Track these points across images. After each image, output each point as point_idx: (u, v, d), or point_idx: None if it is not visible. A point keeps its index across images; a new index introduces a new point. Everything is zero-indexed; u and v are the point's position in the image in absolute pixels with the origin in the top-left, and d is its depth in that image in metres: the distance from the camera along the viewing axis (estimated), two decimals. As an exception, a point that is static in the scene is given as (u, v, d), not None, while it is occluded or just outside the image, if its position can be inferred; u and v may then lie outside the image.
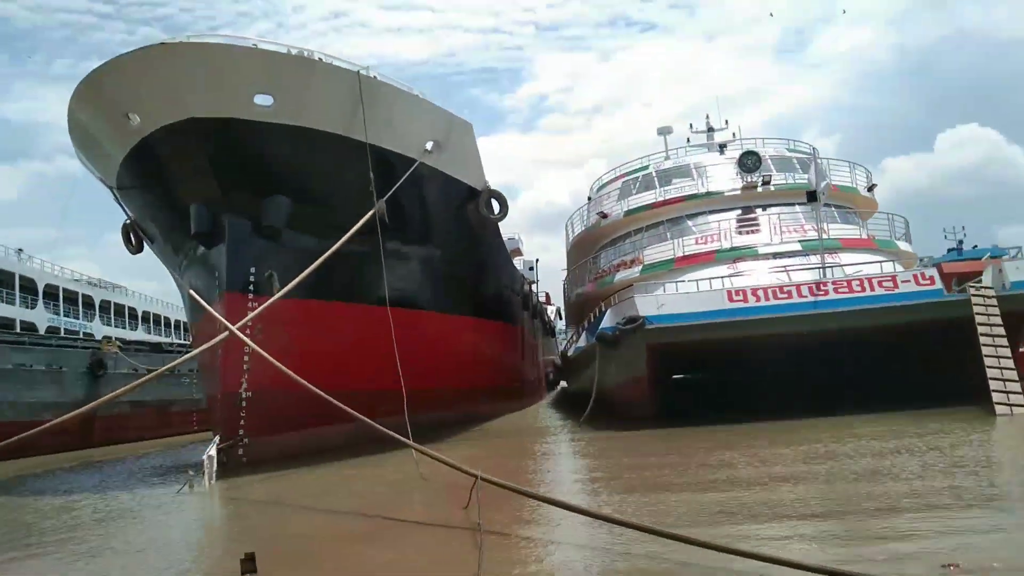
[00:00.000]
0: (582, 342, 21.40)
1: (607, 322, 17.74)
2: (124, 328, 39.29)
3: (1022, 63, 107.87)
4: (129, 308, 41.44)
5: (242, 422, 14.93)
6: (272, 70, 14.63)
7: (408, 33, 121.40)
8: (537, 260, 42.04)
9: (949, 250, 39.34)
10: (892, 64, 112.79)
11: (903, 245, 22.07)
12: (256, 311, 13.80)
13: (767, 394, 17.21)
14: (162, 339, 40.93)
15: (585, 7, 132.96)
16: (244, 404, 14.88)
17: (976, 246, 40.84)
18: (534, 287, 37.48)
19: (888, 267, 18.88)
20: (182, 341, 42.31)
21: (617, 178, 27.02)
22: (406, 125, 16.84)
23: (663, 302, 16.64)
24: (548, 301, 47.35)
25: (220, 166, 15.11)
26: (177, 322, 46.78)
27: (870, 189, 24.44)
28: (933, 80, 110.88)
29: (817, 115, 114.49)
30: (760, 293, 16.50)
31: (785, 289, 16.54)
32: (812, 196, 18.01)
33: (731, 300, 16.47)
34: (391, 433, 10.56)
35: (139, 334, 39.70)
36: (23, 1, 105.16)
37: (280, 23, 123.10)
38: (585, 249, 27.29)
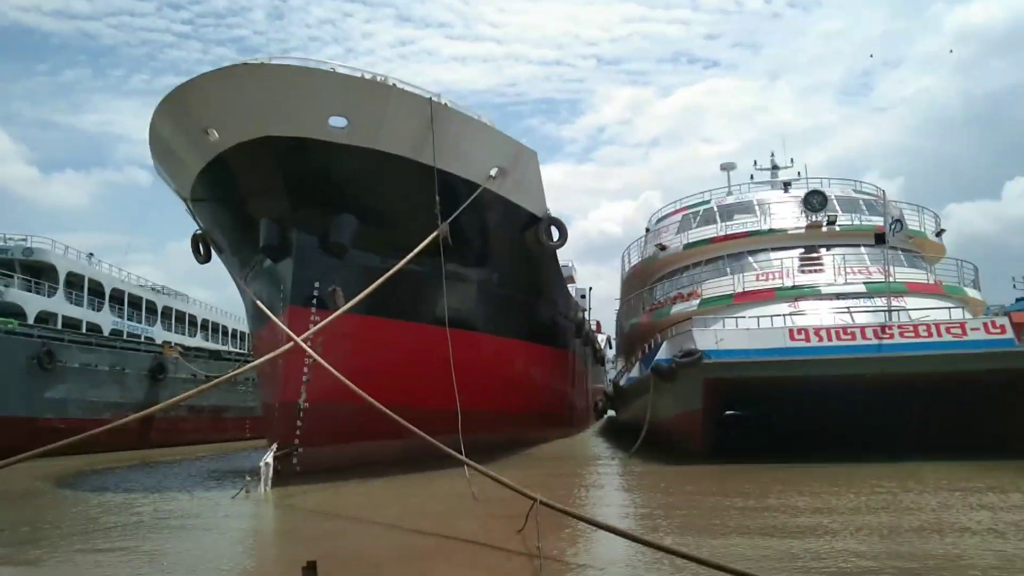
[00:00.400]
0: (636, 372, 21.26)
1: (663, 354, 17.62)
2: (184, 334, 40.38)
3: None
4: (190, 315, 42.63)
5: (298, 431, 15.23)
6: (349, 93, 15.07)
7: (472, 62, 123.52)
8: (590, 288, 41.99)
9: (1018, 299, 37.96)
10: (958, 110, 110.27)
11: (971, 292, 21.42)
12: (319, 324, 14.09)
13: (824, 436, 16.84)
14: (220, 347, 41.97)
15: (647, 43, 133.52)
16: (301, 414, 15.18)
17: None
18: (586, 315, 37.43)
19: (956, 313, 18.39)
20: (239, 349, 43.34)
21: (677, 211, 26.90)
22: (473, 151, 17.13)
23: (722, 337, 16.46)
24: (599, 329, 47.19)
25: (292, 183, 15.59)
26: (235, 331, 47.91)
27: (938, 234, 23.87)
28: (1001, 127, 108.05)
29: (880, 157, 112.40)
30: (823, 333, 16.21)
31: (849, 330, 16.22)
32: (880, 238, 17.68)
33: (792, 339, 16.21)
34: (449, 450, 10.63)
35: (198, 340, 40.75)
36: (109, 20, 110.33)
37: (350, 48, 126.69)
38: (641, 280, 27.16)
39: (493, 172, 17.73)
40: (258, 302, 16.11)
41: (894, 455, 15.00)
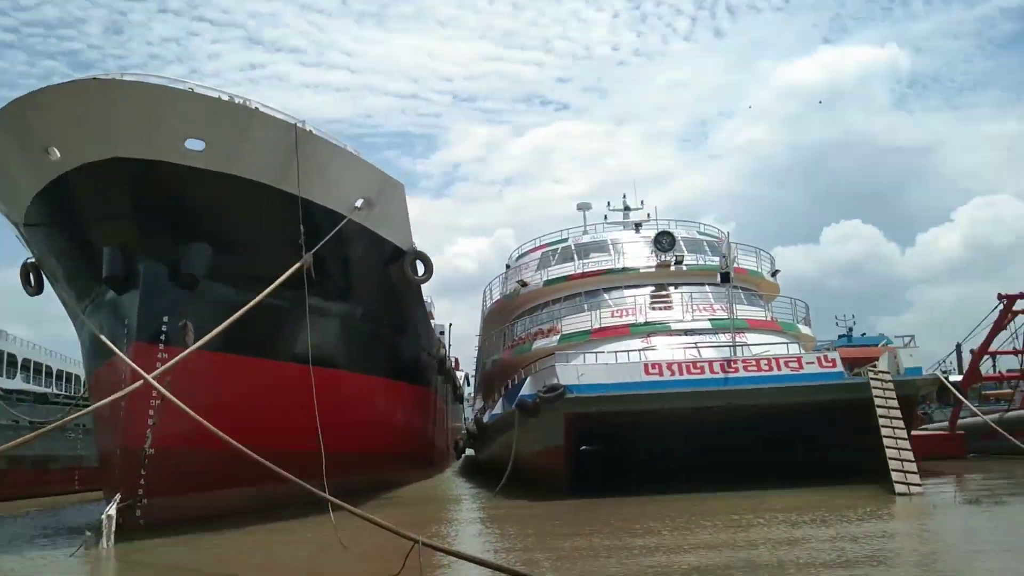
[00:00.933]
0: (499, 409, 21.36)
1: (527, 389, 17.86)
2: (1, 376, 36.41)
3: (897, 168, 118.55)
4: (8, 354, 38.49)
5: (142, 481, 14.05)
6: (208, 115, 14.40)
7: (325, 91, 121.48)
8: (450, 324, 41.98)
9: (840, 336, 41.80)
10: (785, 160, 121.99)
11: (804, 328, 23.35)
12: (171, 362, 13.16)
13: (677, 466, 17.61)
14: (45, 389, 38.11)
15: (503, 82, 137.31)
16: (146, 461, 14.02)
17: (864, 333, 43.81)
18: (447, 351, 37.30)
19: (792, 349, 19.96)
20: (67, 392, 39.53)
21: (537, 248, 27.60)
22: (338, 180, 16.80)
23: (583, 372, 16.93)
24: (457, 367, 47.18)
25: (141, 209, 14.61)
26: (60, 371, 43.71)
27: (774, 274, 25.89)
28: (821, 177, 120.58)
29: (715, 202, 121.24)
30: (675, 367, 17.07)
31: (698, 364, 17.19)
32: (725, 277, 18.93)
33: (647, 373, 16.94)
34: (322, 494, 10.19)
35: (17, 382, 36.83)
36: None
37: (194, 69, 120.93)
38: (502, 316, 27.53)
39: (358, 203, 17.43)
40: (101, 336, 14.84)
41: (742, 484, 15.91)
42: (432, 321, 37.92)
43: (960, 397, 18.03)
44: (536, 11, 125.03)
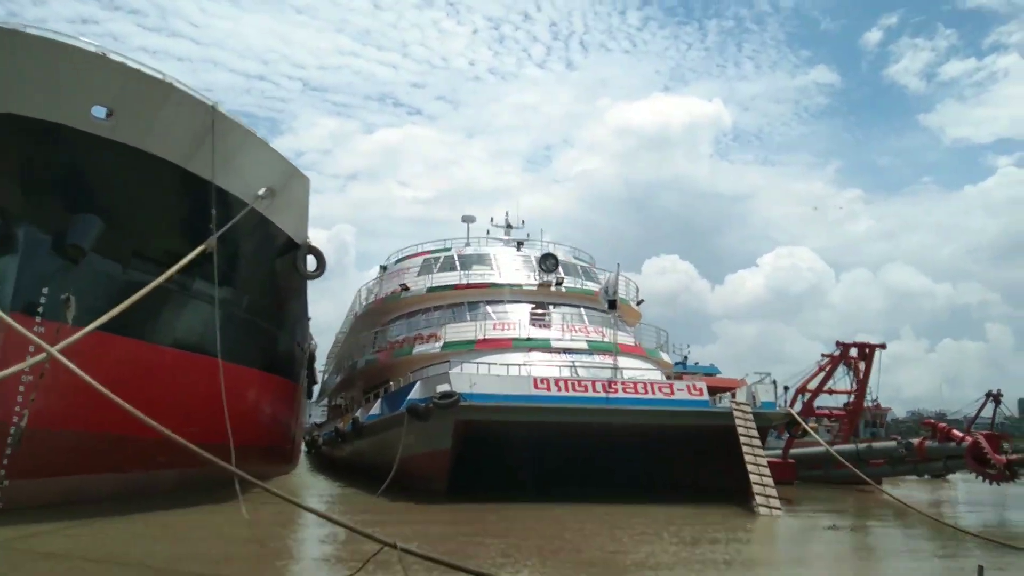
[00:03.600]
0: (376, 410, 21.29)
1: (417, 394, 18.06)
2: None
3: (715, 212, 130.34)
4: None
5: (5, 461, 12.93)
6: (123, 85, 13.61)
7: (165, 58, 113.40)
8: (309, 319, 40.78)
9: (676, 363, 44.88)
10: (620, 192, 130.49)
11: (664, 355, 25.10)
12: (76, 335, 12.22)
13: (553, 478, 18.49)
14: None
15: (357, 78, 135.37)
16: (11, 440, 12.91)
17: (697, 362, 47.37)
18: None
19: (655, 375, 21.50)
20: None
21: (418, 254, 27.72)
22: (246, 167, 16.32)
23: (475, 381, 17.40)
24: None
25: (29, 171, 13.57)
26: None
27: (639, 303, 27.61)
28: (650, 212, 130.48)
29: (555, 225, 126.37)
30: (562, 384, 17.97)
31: (583, 383, 18.19)
32: (612, 305, 20.13)
33: (536, 387, 17.71)
34: (255, 481, 9.99)
35: None
36: None
37: (12, 12, 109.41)
38: (377, 317, 27.39)
39: (262, 191, 16.99)
40: None
41: (612, 498, 17.00)
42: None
43: (809, 430, 20.28)
44: (396, 14, 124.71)
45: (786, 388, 27.98)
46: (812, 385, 27.37)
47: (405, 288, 25.50)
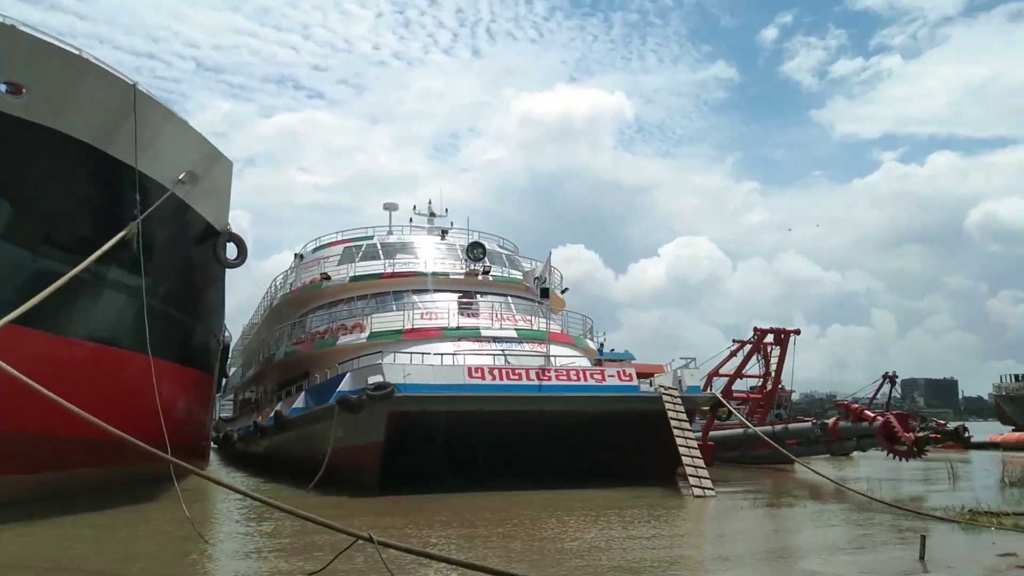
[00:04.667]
0: (300, 403, 20.67)
1: (347, 385, 17.63)
2: None
3: (619, 203, 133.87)
4: None
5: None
6: (35, 59, 12.61)
7: (45, 33, 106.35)
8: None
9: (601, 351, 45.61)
10: (525, 182, 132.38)
11: (589, 342, 25.46)
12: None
13: (489, 466, 18.49)
14: None
15: (255, 59, 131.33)
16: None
17: (613, 349, 48.32)
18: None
19: (582, 361, 21.79)
20: None
21: (338, 242, 27.04)
22: (167, 150, 15.51)
23: (409, 372, 17.13)
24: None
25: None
26: None
27: (564, 291, 27.86)
28: (555, 203, 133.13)
29: (463, 213, 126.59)
30: (496, 372, 17.93)
31: (516, 371, 18.21)
32: (544, 293, 20.21)
33: (470, 376, 17.61)
34: (209, 476, 9.44)
35: None
36: None
37: None
38: (293, 308, 26.60)
39: (182, 175, 16.17)
40: None
41: (549, 484, 17.15)
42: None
43: (735, 412, 21.04)
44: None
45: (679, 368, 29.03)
46: (724, 370, 28.48)
47: (326, 277, 24.84)
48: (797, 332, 26.88)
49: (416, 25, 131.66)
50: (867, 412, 20.12)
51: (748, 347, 28.46)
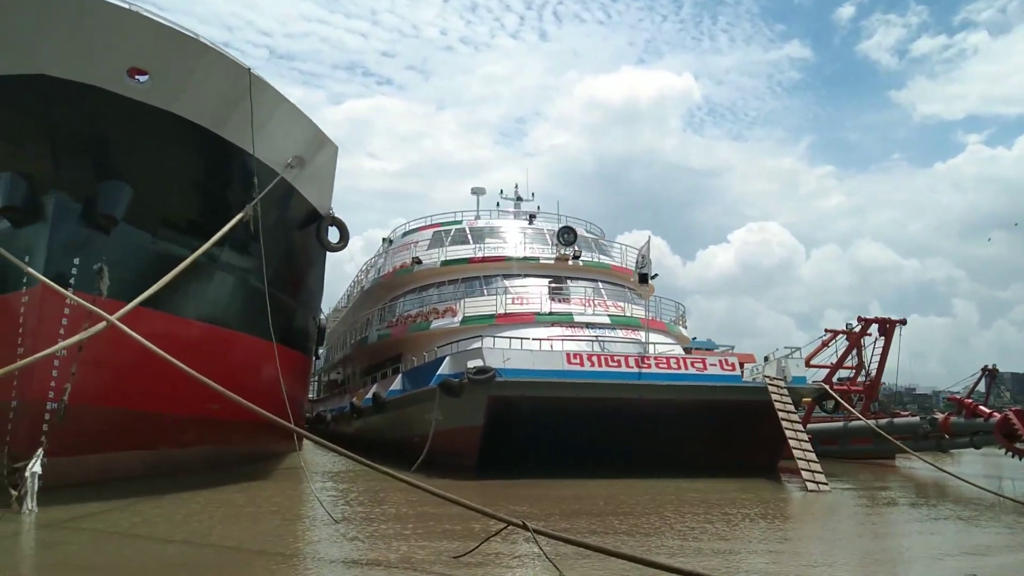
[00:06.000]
0: (398, 385, 20.93)
1: (447, 369, 17.75)
2: None
3: (687, 187, 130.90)
4: None
5: (43, 438, 12.43)
6: (157, 45, 12.97)
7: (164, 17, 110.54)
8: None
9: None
10: (591, 167, 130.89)
11: (681, 329, 24.98)
12: (128, 307, 11.72)
13: (584, 453, 18.36)
14: None
15: (325, 46, 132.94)
16: (57, 417, 12.41)
17: (696, 337, 47.44)
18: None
19: (677, 349, 21.39)
20: None
21: (427, 227, 27.26)
22: (278, 134, 15.78)
23: (508, 356, 17.13)
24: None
25: (62, 136, 12.90)
26: None
27: (653, 277, 27.34)
28: (621, 188, 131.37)
29: (528, 198, 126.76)
30: (595, 359, 17.77)
31: (616, 358, 18.00)
32: (643, 279, 19.89)
33: (569, 362, 17.49)
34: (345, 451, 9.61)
35: None
36: None
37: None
38: (384, 292, 26.94)
39: (291, 159, 16.47)
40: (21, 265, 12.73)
41: (647, 473, 16.92)
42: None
43: (844, 404, 20.34)
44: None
45: (765, 358, 28.15)
46: (815, 361, 27.57)
47: (418, 261, 25.05)
48: (903, 322, 25.77)
49: (483, 9, 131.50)
50: (982, 408, 19.16)
51: (843, 337, 27.49)
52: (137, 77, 13.04)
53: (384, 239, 30.15)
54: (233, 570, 7.35)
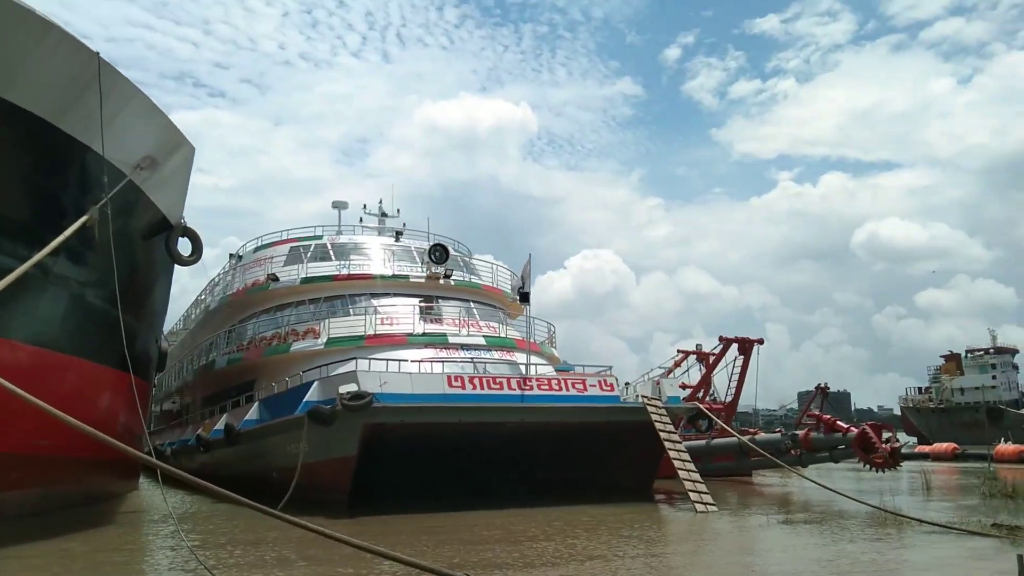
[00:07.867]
0: (254, 415, 19.03)
1: (316, 395, 16.31)
2: None
3: (525, 214, 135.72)
4: None
5: None
6: None
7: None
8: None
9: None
10: (436, 190, 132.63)
11: (553, 350, 24.72)
12: None
13: (465, 480, 17.49)
14: None
15: (152, 54, 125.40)
16: None
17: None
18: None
19: (549, 369, 21.06)
20: None
21: (283, 242, 25.38)
22: (128, 131, 13.87)
23: (385, 380, 15.97)
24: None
25: None
26: None
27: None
28: (465, 213, 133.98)
29: (394, 215, 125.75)
30: (477, 382, 16.95)
31: (498, 380, 17.29)
32: (525, 297, 19.38)
33: (450, 385, 16.58)
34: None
35: None
36: None
37: None
38: (232, 312, 24.78)
39: (141, 160, 14.55)
40: None
41: (534, 501, 16.28)
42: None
43: (718, 421, 20.70)
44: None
45: (627, 384, 28.81)
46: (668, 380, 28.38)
47: (274, 278, 23.16)
48: (760, 342, 27.02)
49: (324, 26, 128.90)
50: (840, 423, 20.21)
51: (694, 357, 28.53)
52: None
53: (232, 255, 27.85)
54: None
